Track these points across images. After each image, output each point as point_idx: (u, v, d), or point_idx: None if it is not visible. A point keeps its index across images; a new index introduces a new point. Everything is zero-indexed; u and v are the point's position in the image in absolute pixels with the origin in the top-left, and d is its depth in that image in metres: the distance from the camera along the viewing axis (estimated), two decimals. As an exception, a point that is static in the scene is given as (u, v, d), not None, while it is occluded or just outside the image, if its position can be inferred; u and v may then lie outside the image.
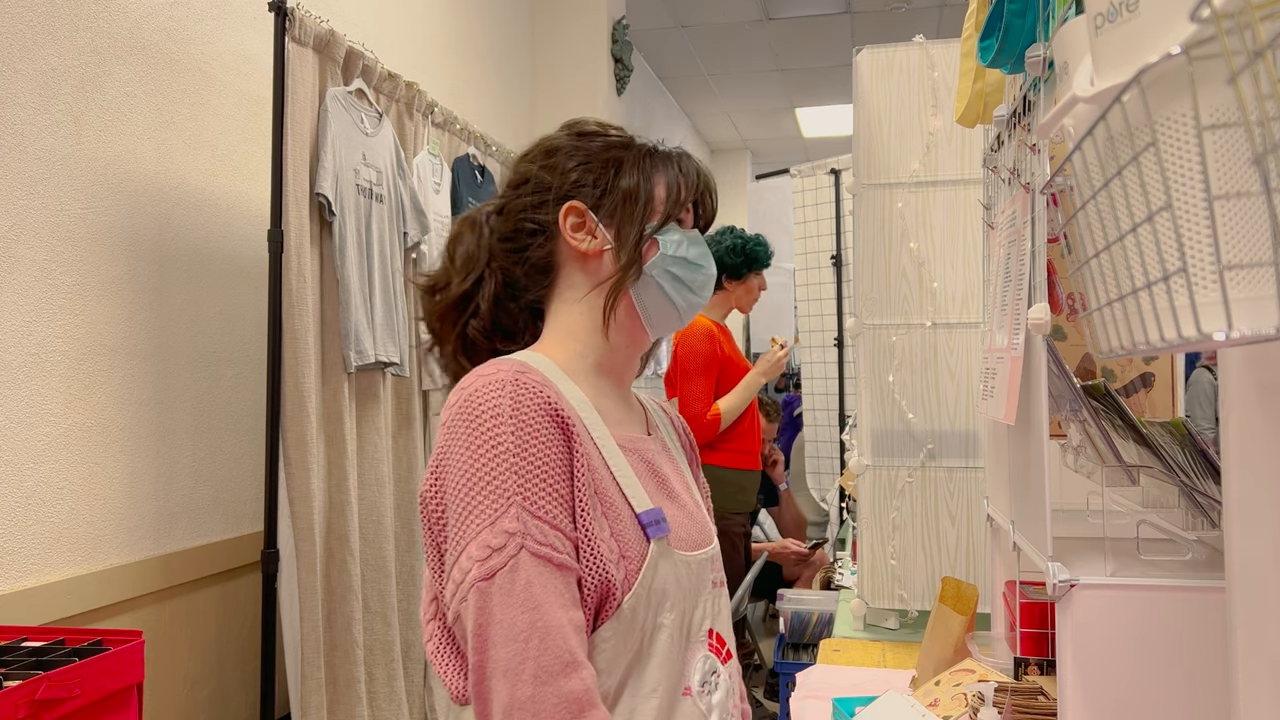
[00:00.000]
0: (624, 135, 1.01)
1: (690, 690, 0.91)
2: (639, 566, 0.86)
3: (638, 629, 0.86)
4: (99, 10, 1.93)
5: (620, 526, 0.87)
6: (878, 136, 2.12)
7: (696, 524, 0.98)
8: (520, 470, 0.81)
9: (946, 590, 1.58)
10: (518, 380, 0.84)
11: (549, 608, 0.78)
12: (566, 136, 1.01)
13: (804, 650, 2.96)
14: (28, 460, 1.76)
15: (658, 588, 0.88)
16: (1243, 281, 0.51)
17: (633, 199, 0.96)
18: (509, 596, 0.78)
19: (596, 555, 0.83)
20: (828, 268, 4.23)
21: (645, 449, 0.99)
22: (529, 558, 0.79)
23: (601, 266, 0.97)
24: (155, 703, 2.03)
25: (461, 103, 3.59)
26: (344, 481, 2.30)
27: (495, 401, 0.82)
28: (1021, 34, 1.10)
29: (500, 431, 0.81)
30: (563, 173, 0.98)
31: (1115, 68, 0.62)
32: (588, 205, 0.97)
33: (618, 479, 0.90)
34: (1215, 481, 1.04)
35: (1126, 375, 1.36)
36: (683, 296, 0.99)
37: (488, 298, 0.98)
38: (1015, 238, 1.20)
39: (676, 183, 0.99)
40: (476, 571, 0.79)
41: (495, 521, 0.79)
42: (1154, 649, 0.95)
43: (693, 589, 0.93)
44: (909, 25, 5.33)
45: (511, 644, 0.77)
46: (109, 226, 1.95)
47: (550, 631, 0.78)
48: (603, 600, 0.84)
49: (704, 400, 3.05)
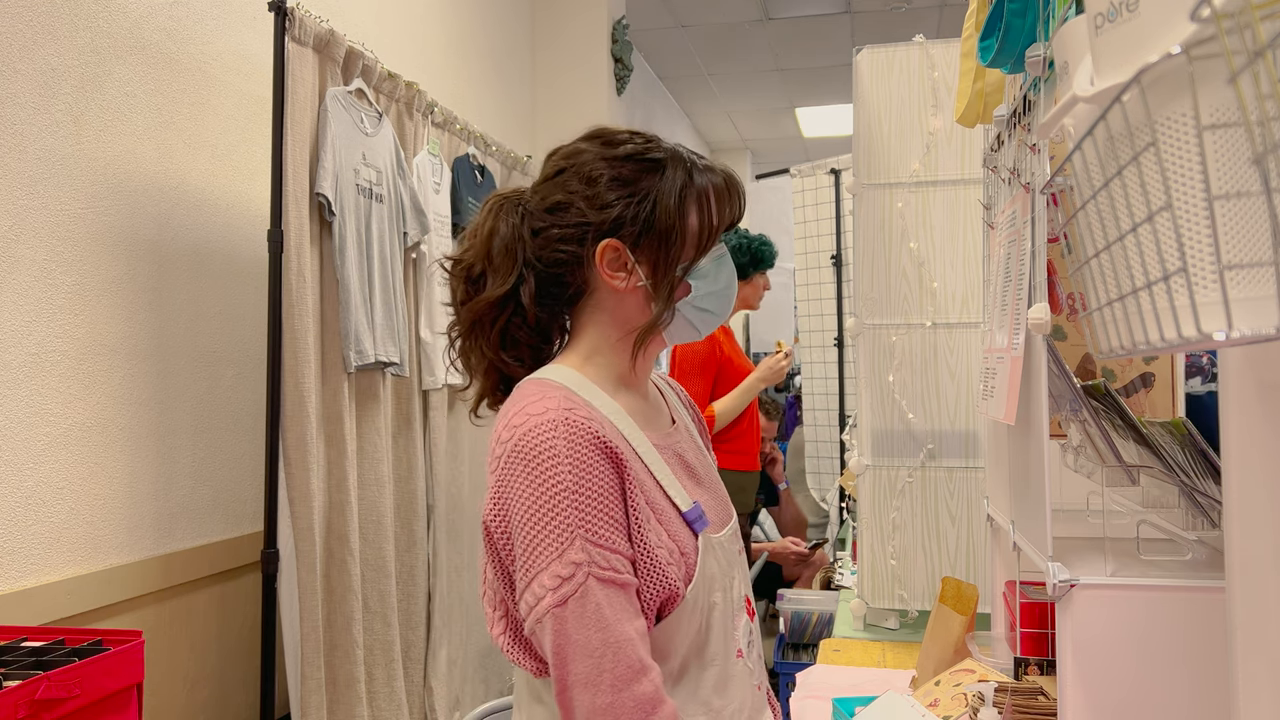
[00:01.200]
0: (659, 153, 1.01)
1: (742, 652, 1.04)
2: (694, 560, 0.98)
3: (699, 612, 0.98)
4: (99, 10, 1.92)
5: (673, 528, 0.98)
6: (878, 136, 2.12)
7: (720, 502, 1.10)
8: (580, 506, 0.90)
9: (946, 590, 1.58)
10: (569, 420, 0.92)
11: (617, 624, 0.89)
12: (605, 162, 1.01)
13: (804, 650, 2.96)
14: (28, 460, 1.76)
15: (708, 574, 0.99)
16: (1243, 281, 0.51)
17: (667, 239, 0.99)
18: (582, 619, 0.88)
19: (655, 563, 0.94)
20: (828, 268, 4.23)
21: (675, 443, 1.08)
22: (596, 583, 0.89)
23: (634, 300, 1.02)
24: (155, 703, 2.03)
25: (461, 103, 3.59)
26: (344, 481, 2.30)
27: (550, 442, 0.91)
28: (1021, 34, 1.10)
29: (559, 472, 0.90)
30: (602, 207, 0.99)
31: (1115, 68, 0.62)
32: (625, 243, 1.00)
33: (662, 484, 1.00)
34: (1215, 481, 1.04)
35: (1126, 375, 1.36)
36: (705, 323, 1.05)
37: (530, 297, 1.02)
38: (1015, 238, 1.20)
39: (709, 212, 1.02)
40: (550, 599, 0.89)
41: (563, 554, 0.89)
42: (1154, 649, 0.95)
43: (728, 564, 1.04)
44: (909, 25, 5.33)
45: (589, 659, 0.88)
46: (109, 226, 1.95)
47: (621, 645, 0.89)
48: (667, 598, 0.95)
49: (700, 401, 3.05)
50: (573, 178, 1.01)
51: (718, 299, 1.04)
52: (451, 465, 2.91)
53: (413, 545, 2.66)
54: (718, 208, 1.03)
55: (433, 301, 2.78)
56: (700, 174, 1.02)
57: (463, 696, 2.91)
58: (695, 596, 0.97)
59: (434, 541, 2.78)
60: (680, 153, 1.03)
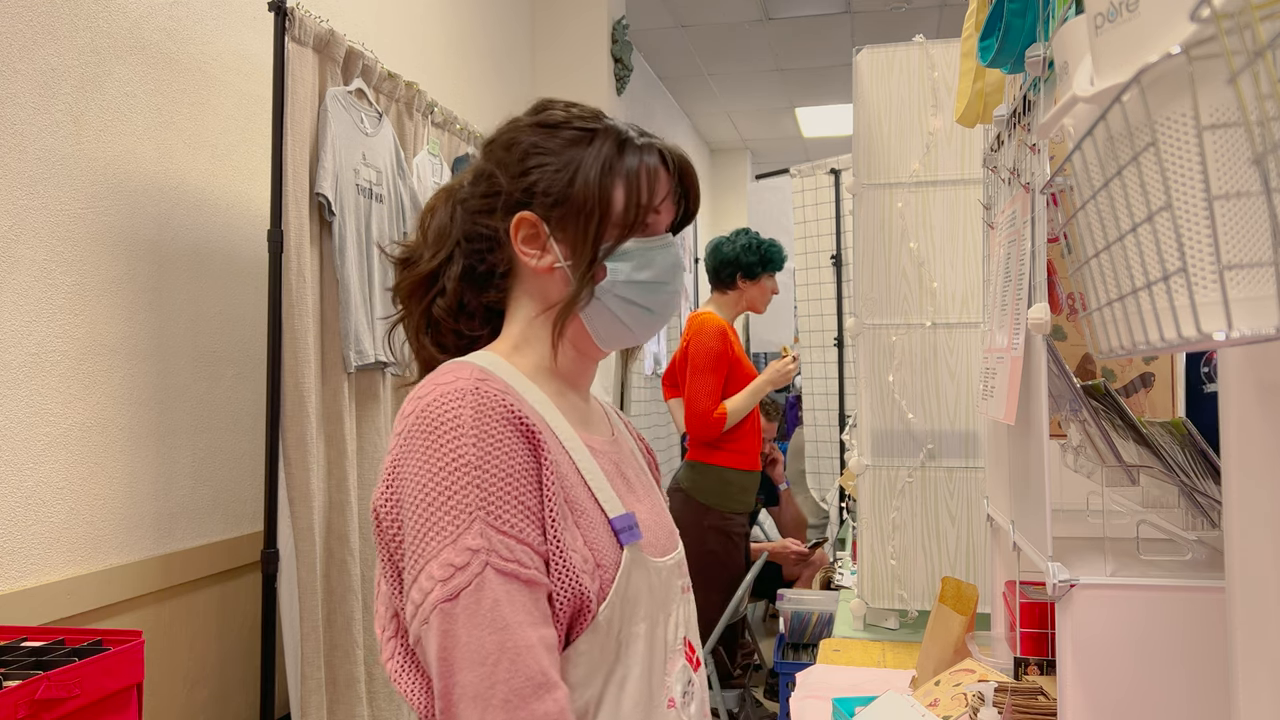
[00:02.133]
0: (589, 123, 0.93)
1: (674, 702, 0.89)
2: (613, 575, 0.83)
3: (613, 639, 0.83)
4: (99, 10, 1.92)
5: (593, 534, 0.84)
6: (878, 136, 2.12)
7: (664, 529, 0.96)
8: (483, 484, 0.77)
9: (946, 590, 1.58)
10: (479, 389, 0.80)
11: (518, 627, 0.75)
12: (530, 127, 0.93)
13: (804, 650, 2.96)
14: (28, 460, 1.76)
15: (631, 595, 0.85)
16: (1243, 281, 0.51)
17: (586, 214, 0.89)
18: (475, 617, 0.75)
19: (568, 567, 0.80)
20: (828, 268, 4.23)
21: (612, 450, 0.96)
22: (495, 575, 0.75)
23: (553, 283, 0.92)
24: (155, 703, 2.03)
25: (461, 103, 3.59)
26: (344, 481, 2.30)
27: (455, 412, 0.79)
28: (1021, 34, 1.10)
29: (461, 444, 0.78)
30: (516, 175, 0.91)
31: (1115, 68, 0.62)
32: (540, 216, 0.90)
33: (589, 483, 0.87)
34: (1215, 481, 1.04)
35: (1126, 375, 1.36)
36: (636, 319, 0.92)
37: (454, 278, 0.94)
38: (1015, 238, 1.20)
39: (639, 187, 0.91)
40: (439, 592, 0.75)
41: (458, 539, 0.76)
42: (1154, 649, 0.95)
43: (664, 596, 0.90)
44: (909, 25, 5.33)
45: (480, 667, 0.74)
46: (109, 226, 1.95)
47: (520, 652, 0.74)
48: (576, 613, 0.81)
49: (713, 397, 3.05)
50: (497, 146, 0.95)
51: (646, 291, 0.91)
52: (451, 465, 2.90)
53: (413, 545, 2.66)
54: (649, 188, 0.91)
55: (433, 301, 2.78)
56: (634, 151, 0.91)
57: (463, 696, 2.91)
58: (609, 618, 0.82)
59: (434, 541, 2.77)
60: (616, 128, 0.93)
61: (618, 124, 0.95)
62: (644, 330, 0.94)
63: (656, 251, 0.92)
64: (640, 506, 0.93)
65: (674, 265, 0.94)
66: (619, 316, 0.91)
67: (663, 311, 0.94)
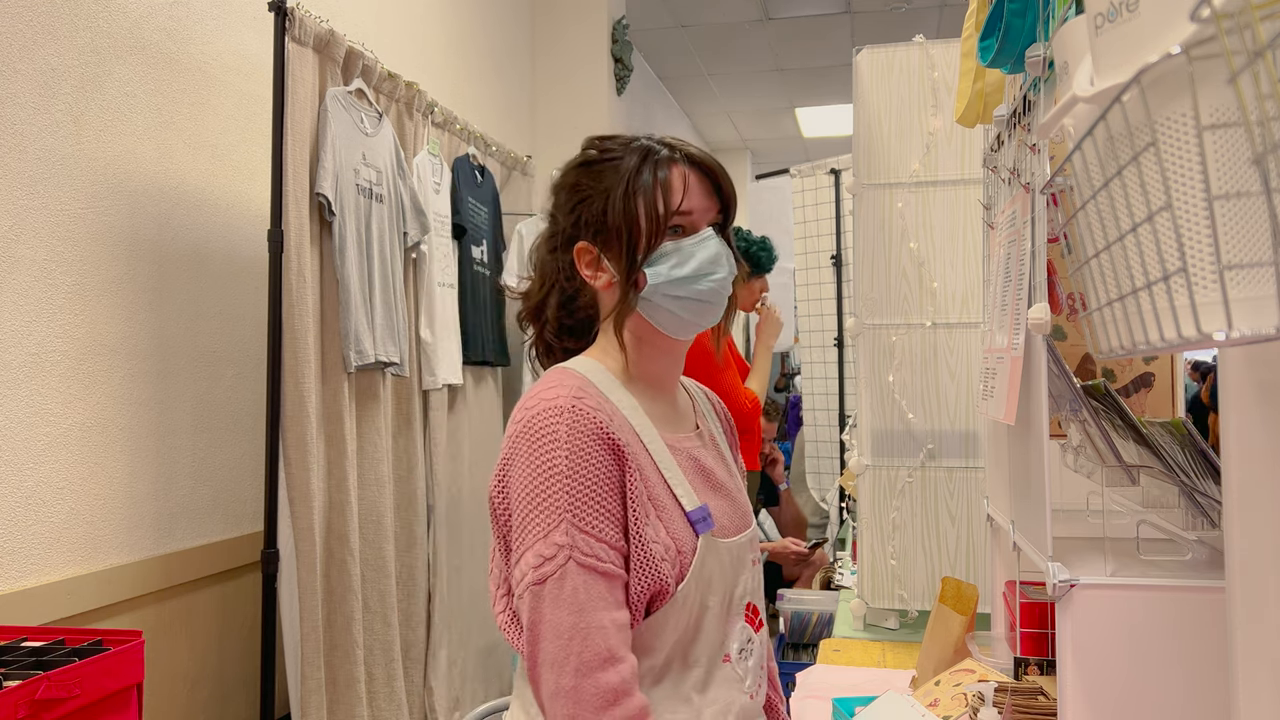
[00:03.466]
0: (617, 153, 1.06)
1: (730, 657, 1.03)
2: (690, 559, 0.99)
3: (688, 611, 0.98)
4: (99, 10, 1.92)
5: (674, 525, 0.99)
6: (878, 136, 2.12)
7: (738, 510, 1.10)
8: (571, 490, 0.92)
9: (946, 590, 1.58)
10: (575, 407, 0.95)
11: (592, 611, 0.90)
12: (574, 169, 1.08)
13: (804, 650, 2.96)
14: (28, 460, 1.76)
15: (705, 576, 1.00)
16: (1243, 281, 0.51)
17: (618, 233, 1.03)
18: (557, 599, 0.91)
19: (649, 558, 0.95)
20: (828, 268, 4.23)
21: (692, 446, 1.09)
22: (576, 567, 0.91)
23: (614, 295, 1.06)
24: (155, 703, 2.03)
25: (461, 103, 3.59)
26: (344, 481, 2.30)
27: (553, 426, 0.94)
28: (1021, 34, 1.10)
29: (556, 455, 0.93)
30: (568, 213, 1.07)
31: (1115, 68, 0.62)
32: (591, 243, 1.05)
33: (669, 482, 1.02)
34: (1215, 481, 1.04)
35: (1126, 375, 1.36)
36: (689, 309, 1.04)
37: (553, 306, 1.10)
38: (1015, 238, 1.20)
39: (655, 198, 1.02)
40: (532, 576, 0.92)
41: (548, 535, 0.92)
42: (1154, 649, 0.95)
43: (734, 570, 1.05)
44: (909, 25, 5.32)
45: (558, 640, 0.90)
46: (109, 226, 1.95)
47: (590, 631, 0.90)
48: (657, 593, 0.96)
49: (739, 390, 3.02)
50: (554, 191, 1.11)
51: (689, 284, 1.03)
52: (451, 465, 2.91)
53: (413, 545, 2.66)
54: (665, 195, 1.02)
55: (432, 301, 2.78)
56: (651, 166, 1.03)
57: (463, 696, 2.91)
58: (686, 595, 0.98)
59: (434, 541, 2.77)
60: (641, 146, 1.05)
61: (645, 142, 1.06)
62: (703, 316, 1.05)
63: (693, 247, 1.03)
64: (715, 494, 1.08)
65: (713, 257, 1.04)
66: (672, 311, 1.03)
67: (713, 299, 1.05)
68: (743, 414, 3.03)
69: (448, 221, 2.90)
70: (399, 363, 2.50)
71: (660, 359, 1.09)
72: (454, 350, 2.90)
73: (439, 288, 2.82)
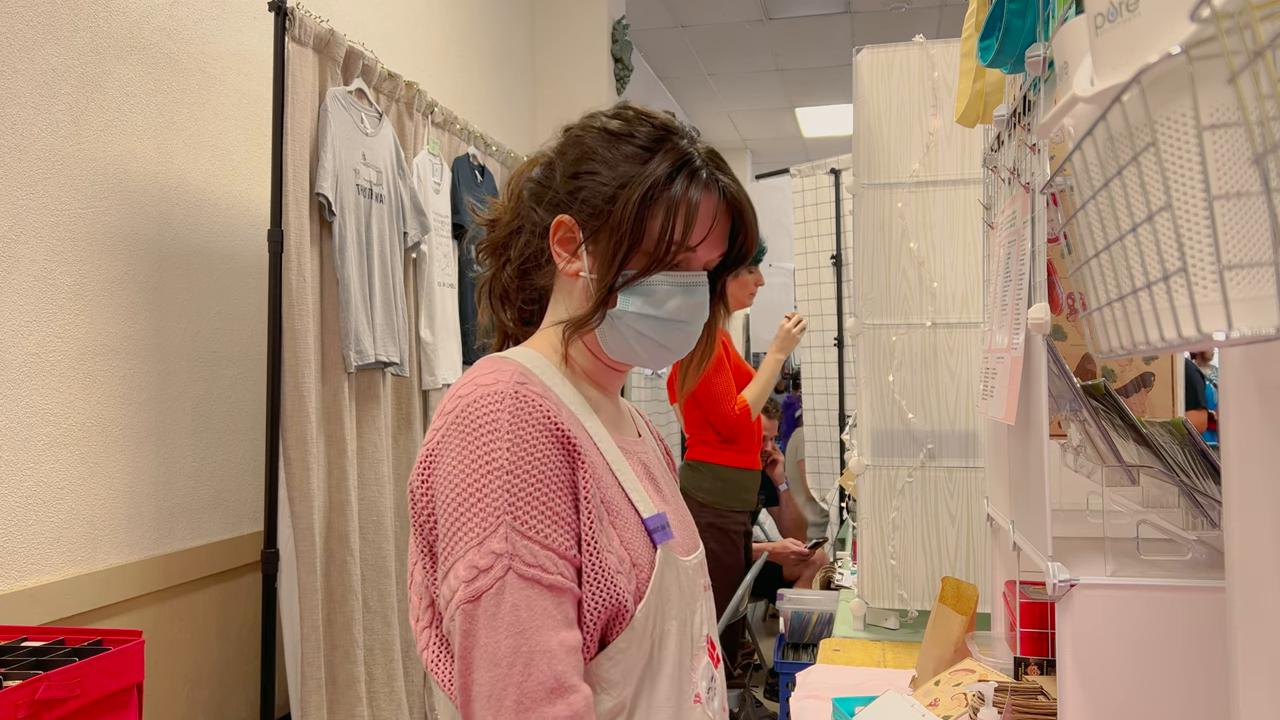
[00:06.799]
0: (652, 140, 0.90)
1: (700, 698, 0.90)
2: (648, 574, 0.85)
3: (649, 637, 0.85)
4: (99, 10, 1.92)
5: (629, 534, 0.85)
6: (878, 136, 2.12)
7: (687, 528, 0.97)
8: (513, 488, 0.78)
9: (946, 590, 1.58)
10: (519, 393, 0.81)
11: (535, 631, 0.76)
12: (598, 130, 0.92)
13: (804, 650, 2.95)
14: (28, 460, 1.76)
15: (664, 594, 0.86)
16: (1243, 281, 0.51)
17: (618, 236, 0.87)
18: (494, 620, 0.76)
19: (604, 570, 0.81)
20: (828, 268, 4.23)
21: (641, 451, 0.97)
22: (516, 580, 0.76)
23: (578, 290, 0.91)
24: (155, 703, 2.03)
25: (461, 102, 3.59)
26: (344, 481, 2.30)
27: (494, 415, 0.79)
28: (1021, 34, 1.10)
29: (495, 447, 0.78)
30: (568, 175, 0.91)
31: (1115, 68, 0.62)
32: (578, 222, 0.89)
33: (623, 484, 0.88)
34: (1215, 481, 1.04)
35: (1126, 375, 1.36)
36: (648, 349, 0.91)
37: (519, 248, 0.95)
38: (1015, 238, 1.20)
39: (676, 223, 0.87)
40: (463, 593, 0.77)
41: (483, 541, 0.77)
42: (1154, 649, 0.95)
43: (690, 594, 0.91)
44: (909, 25, 5.33)
45: (494, 669, 0.75)
46: (109, 226, 1.95)
47: (534, 657, 0.75)
48: (614, 615, 0.82)
49: (730, 396, 3.04)
50: (568, 137, 0.94)
51: (660, 326, 0.89)
52: (451, 465, 2.90)
53: (413, 545, 2.65)
54: (686, 225, 0.87)
55: (433, 301, 2.78)
56: (685, 181, 0.88)
57: (463, 696, 2.91)
58: (646, 617, 0.84)
59: (434, 541, 2.77)
60: (680, 149, 0.89)
61: (686, 145, 0.91)
62: (654, 360, 0.93)
63: (680, 290, 0.90)
64: (667, 507, 0.94)
65: (697, 306, 0.91)
66: (630, 343, 0.91)
67: (676, 348, 0.93)
68: (727, 420, 3.03)
69: (448, 221, 2.90)
70: (399, 362, 2.50)
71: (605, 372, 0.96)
72: (454, 350, 2.91)
73: (439, 287, 2.82)
